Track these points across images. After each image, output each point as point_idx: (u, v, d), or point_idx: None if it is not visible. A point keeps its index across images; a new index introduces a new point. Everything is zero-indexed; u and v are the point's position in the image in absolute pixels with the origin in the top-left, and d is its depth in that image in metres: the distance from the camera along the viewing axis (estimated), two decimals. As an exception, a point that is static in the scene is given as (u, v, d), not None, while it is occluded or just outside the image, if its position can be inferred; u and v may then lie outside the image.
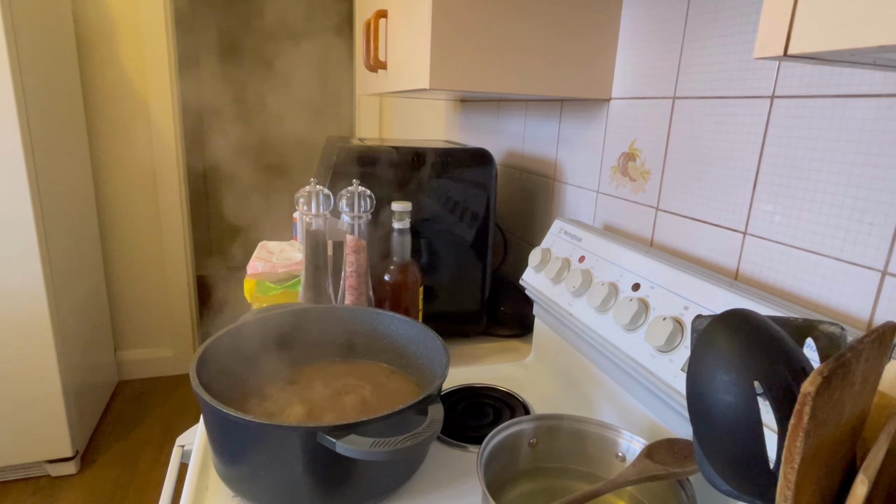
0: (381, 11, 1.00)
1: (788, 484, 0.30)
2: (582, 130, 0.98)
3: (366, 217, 0.84)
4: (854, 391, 0.32)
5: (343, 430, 0.52)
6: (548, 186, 1.10)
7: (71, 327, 1.83)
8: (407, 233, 0.86)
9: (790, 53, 0.31)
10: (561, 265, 0.83)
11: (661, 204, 0.80)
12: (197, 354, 0.62)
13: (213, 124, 3.55)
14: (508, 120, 1.27)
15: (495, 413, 0.78)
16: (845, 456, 0.35)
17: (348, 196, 0.82)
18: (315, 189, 0.80)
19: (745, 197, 0.66)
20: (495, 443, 0.56)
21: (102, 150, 2.21)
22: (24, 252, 1.60)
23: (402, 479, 0.63)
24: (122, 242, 2.33)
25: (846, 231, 0.54)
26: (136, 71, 2.17)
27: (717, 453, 0.38)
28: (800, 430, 0.29)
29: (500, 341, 1.04)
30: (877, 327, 0.33)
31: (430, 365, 0.71)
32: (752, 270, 0.65)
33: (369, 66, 1.06)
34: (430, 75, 0.77)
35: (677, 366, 0.59)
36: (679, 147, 0.76)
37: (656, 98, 0.79)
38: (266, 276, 0.93)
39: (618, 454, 0.59)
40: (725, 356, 0.37)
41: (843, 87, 0.54)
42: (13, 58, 1.49)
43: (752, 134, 0.64)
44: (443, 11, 0.75)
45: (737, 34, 0.66)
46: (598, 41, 0.85)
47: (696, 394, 0.38)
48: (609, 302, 0.72)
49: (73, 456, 1.83)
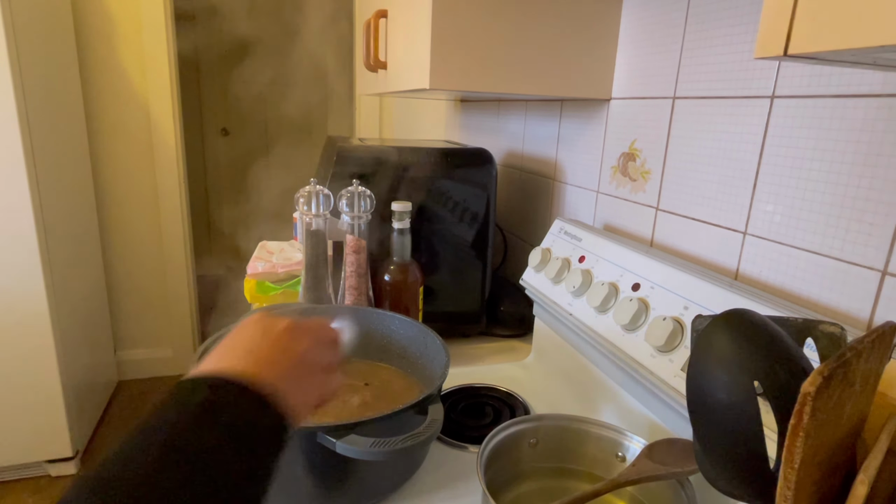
0: (381, 11, 1.00)
1: (788, 484, 0.30)
2: (582, 130, 0.98)
3: (366, 217, 0.84)
4: (854, 391, 0.32)
5: (343, 430, 0.52)
6: (548, 186, 1.10)
7: (71, 327, 1.83)
8: (407, 233, 0.86)
9: (790, 53, 0.31)
10: (561, 265, 0.83)
11: (661, 204, 0.80)
12: (197, 354, 0.62)
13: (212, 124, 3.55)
14: (508, 120, 1.27)
15: (495, 413, 0.78)
16: (845, 456, 0.35)
17: (348, 196, 0.82)
18: (315, 189, 0.80)
19: (745, 197, 0.66)
20: (495, 443, 0.56)
21: (102, 150, 2.21)
22: (24, 252, 1.60)
23: (402, 479, 0.63)
24: (122, 242, 2.33)
25: (846, 231, 0.54)
26: (136, 71, 2.17)
27: (717, 453, 0.38)
28: (800, 430, 0.29)
29: (500, 341, 1.04)
30: (877, 327, 0.33)
31: (430, 365, 0.71)
32: (752, 270, 0.65)
33: (369, 66, 1.06)
34: (430, 75, 0.77)
35: (677, 366, 0.59)
36: (679, 147, 0.76)
37: (656, 98, 0.79)
38: (266, 277, 0.93)
39: (618, 454, 0.59)
40: (725, 356, 0.37)
41: (843, 87, 0.54)
42: (13, 58, 1.49)
43: (752, 134, 0.64)
44: (443, 11, 0.75)
45: (737, 34, 0.66)
46: (598, 41, 0.85)
47: (696, 394, 0.38)
48: (609, 302, 0.72)
49: (73, 456, 1.83)
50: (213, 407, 0.32)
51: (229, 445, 0.31)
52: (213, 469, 0.30)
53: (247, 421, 0.33)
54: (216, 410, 0.32)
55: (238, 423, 0.32)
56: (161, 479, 0.28)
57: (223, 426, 0.31)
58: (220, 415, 0.32)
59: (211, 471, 0.30)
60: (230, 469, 0.30)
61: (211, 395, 0.33)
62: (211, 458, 0.30)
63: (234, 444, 0.31)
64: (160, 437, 0.30)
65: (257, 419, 0.33)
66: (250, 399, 0.34)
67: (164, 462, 0.29)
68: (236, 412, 0.33)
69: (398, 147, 0.95)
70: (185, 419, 0.31)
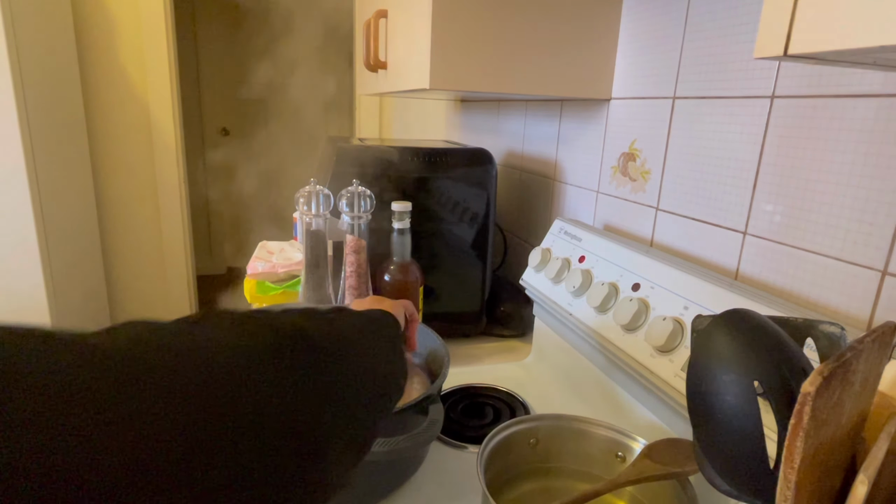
0: (381, 11, 1.00)
1: (788, 484, 0.30)
2: (582, 130, 0.98)
3: (366, 217, 0.84)
4: (854, 391, 0.32)
5: (343, 430, 0.52)
6: (548, 186, 1.10)
7: (71, 327, 1.83)
8: (407, 233, 0.86)
9: (790, 53, 0.31)
10: (561, 265, 0.83)
11: (661, 204, 0.80)
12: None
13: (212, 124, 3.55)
14: (508, 120, 1.27)
15: (495, 413, 0.78)
16: (845, 456, 0.35)
17: (348, 196, 0.82)
18: (315, 189, 0.80)
19: (745, 197, 0.66)
20: (495, 443, 0.56)
21: (102, 150, 2.21)
22: (24, 252, 1.60)
23: (402, 479, 0.63)
24: (123, 243, 2.33)
25: (846, 231, 0.54)
26: (136, 71, 2.17)
27: (717, 453, 0.38)
28: (800, 430, 0.29)
29: (500, 341, 1.04)
30: (877, 327, 0.33)
31: (430, 365, 0.71)
32: (752, 270, 0.65)
33: (369, 66, 1.06)
34: (430, 75, 0.77)
35: (677, 366, 0.59)
36: (679, 147, 0.76)
37: (656, 98, 0.79)
38: (266, 277, 0.93)
39: (618, 454, 0.59)
40: (725, 356, 0.37)
41: (843, 87, 0.54)
42: (13, 58, 1.49)
43: (752, 134, 0.64)
44: (443, 11, 0.75)
45: (737, 34, 0.66)
46: (598, 41, 0.85)
47: (696, 394, 0.38)
48: (609, 302, 0.72)
49: (73, 456, 1.83)
50: (379, 324, 0.46)
51: (392, 347, 0.45)
52: (384, 345, 0.43)
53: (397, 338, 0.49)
54: (381, 326, 0.46)
55: (395, 337, 0.47)
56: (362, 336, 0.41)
57: (387, 337, 0.46)
58: (382, 329, 0.46)
59: (383, 345, 0.43)
60: (392, 359, 0.43)
61: (380, 316, 0.47)
62: (383, 342, 0.44)
63: (393, 348, 0.45)
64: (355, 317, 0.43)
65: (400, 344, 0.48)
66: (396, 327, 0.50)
67: (362, 330, 0.42)
68: (394, 332, 0.48)
69: (398, 147, 0.95)
70: (363, 321, 0.43)
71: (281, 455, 0.26)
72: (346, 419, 0.33)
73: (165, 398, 0.22)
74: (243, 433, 0.24)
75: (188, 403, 0.22)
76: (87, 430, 0.19)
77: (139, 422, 0.20)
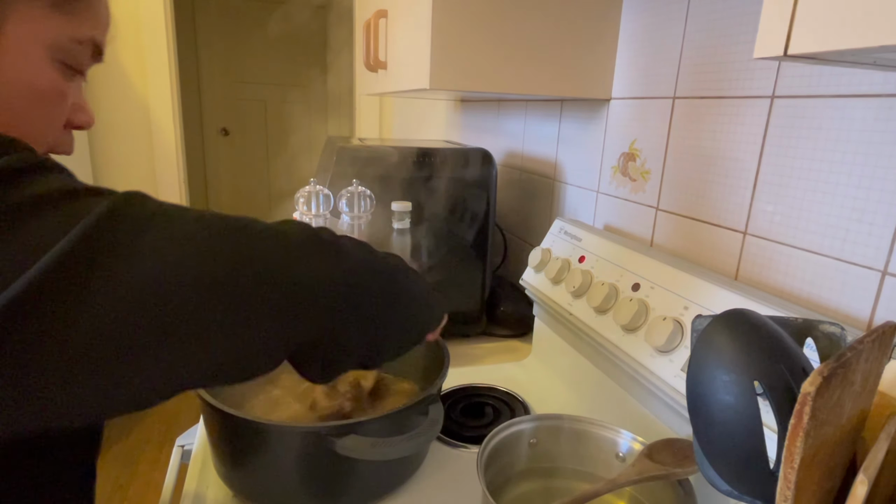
0: (381, 11, 1.00)
1: (788, 484, 0.30)
2: (582, 130, 0.98)
3: (366, 217, 0.84)
4: (854, 391, 0.32)
5: (343, 430, 0.52)
6: (548, 186, 1.10)
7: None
8: (407, 233, 0.86)
9: (790, 53, 0.31)
10: (561, 265, 0.83)
11: (661, 204, 0.80)
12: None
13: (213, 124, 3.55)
14: (508, 120, 1.27)
15: (495, 413, 0.78)
16: (845, 456, 0.35)
17: (348, 196, 0.82)
18: (315, 189, 0.80)
19: (745, 197, 0.66)
20: (495, 443, 0.56)
21: (102, 150, 2.21)
22: (24, 252, 1.60)
23: (402, 479, 0.63)
24: (122, 242, 2.32)
25: (846, 231, 0.54)
26: (136, 71, 2.17)
27: (717, 453, 0.38)
28: (800, 430, 0.29)
29: (500, 341, 1.04)
30: (877, 327, 0.33)
31: (431, 365, 0.71)
32: (752, 270, 0.65)
33: (369, 66, 1.06)
34: (430, 75, 0.77)
35: (677, 366, 0.59)
36: (679, 147, 0.76)
37: (656, 98, 0.79)
38: (266, 276, 0.93)
39: (618, 454, 0.59)
40: (725, 356, 0.37)
41: (843, 87, 0.54)
42: (13, 58, 1.49)
43: (752, 134, 0.64)
44: (443, 11, 0.75)
45: (737, 34, 0.66)
46: (598, 41, 0.85)
47: (696, 394, 0.38)
48: (609, 302, 0.72)
49: (73, 456, 1.83)
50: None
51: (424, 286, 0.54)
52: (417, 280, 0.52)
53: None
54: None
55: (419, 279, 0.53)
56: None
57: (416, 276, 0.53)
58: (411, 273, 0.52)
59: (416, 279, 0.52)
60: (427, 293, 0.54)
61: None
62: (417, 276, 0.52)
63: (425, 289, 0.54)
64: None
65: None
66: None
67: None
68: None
69: (398, 147, 0.95)
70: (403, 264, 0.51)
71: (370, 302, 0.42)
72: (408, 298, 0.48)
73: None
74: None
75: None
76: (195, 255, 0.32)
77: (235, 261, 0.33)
